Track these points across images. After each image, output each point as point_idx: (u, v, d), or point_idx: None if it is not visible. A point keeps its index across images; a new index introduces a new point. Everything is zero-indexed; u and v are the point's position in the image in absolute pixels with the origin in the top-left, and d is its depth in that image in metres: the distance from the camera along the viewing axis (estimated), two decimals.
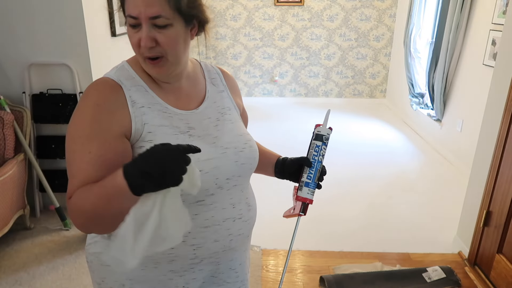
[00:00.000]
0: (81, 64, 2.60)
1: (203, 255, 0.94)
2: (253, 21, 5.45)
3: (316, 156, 1.05)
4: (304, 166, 1.05)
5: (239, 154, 0.97)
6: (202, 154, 0.86)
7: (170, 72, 0.91)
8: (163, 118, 0.90)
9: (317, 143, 1.06)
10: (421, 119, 4.53)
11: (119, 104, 0.87)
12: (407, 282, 2.19)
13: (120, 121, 0.85)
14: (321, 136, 1.06)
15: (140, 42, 0.85)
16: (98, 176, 0.81)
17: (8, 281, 2.19)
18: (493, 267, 2.17)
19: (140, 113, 0.88)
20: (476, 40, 3.47)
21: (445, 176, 3.61)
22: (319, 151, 1.06)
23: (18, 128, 2.49)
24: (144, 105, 0.89)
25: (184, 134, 0.91)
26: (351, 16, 5.40)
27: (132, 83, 0.90)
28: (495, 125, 2.16)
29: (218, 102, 1.03)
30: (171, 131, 0.89)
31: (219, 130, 0.98)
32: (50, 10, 2.48)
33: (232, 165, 0.96)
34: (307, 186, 1.03)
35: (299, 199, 1.03)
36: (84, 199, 0.80)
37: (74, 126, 0.86)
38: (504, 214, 2.09)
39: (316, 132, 1.07)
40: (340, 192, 3.26)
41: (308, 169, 1.04)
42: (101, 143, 0.83)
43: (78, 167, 0.83)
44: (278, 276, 2.28)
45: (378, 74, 5.71)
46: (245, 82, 5.77)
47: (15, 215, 2.46)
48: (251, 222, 1.05)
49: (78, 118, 0.86)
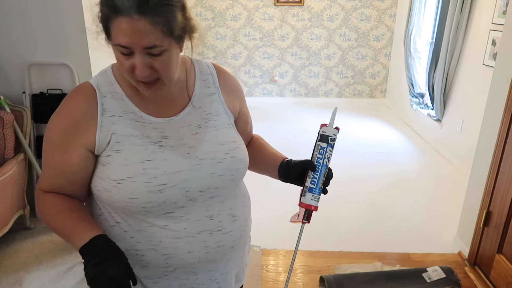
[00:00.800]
0: (81, 64, 2.60)
1: (176, 264, 0.93)
2: (253, 21, 5.45)
3: (321, 159, 0.96)
4: (308, 170, 0.97)
5: (216, 165, 0.91)
6: (171, 166, 0.88)
7: (164, 91, 0.89)
8: (134, 127, 0.88)
9: (322, 145, 0.96)
10: (421, 119, 4.53)
11: (88, 115, 0.87)
12: (407, 282, 2.19)
13: (84, 133, 0.87)
14: (326, 137, 0.96)
15: (132, 69, 0.80)
16: (58, 183, 0.92)
17: (8, 281, 2.19)
18: (493, 267, 2.17)
19: (109, 122, 0.87)
20: (476, 40, 3.47)
21: (445, 176, 3.61)
22: (324, 153, 0.96)
23: (18, 128, 2.49)
24: (116, 114, 0.88)
25: (155, 144, 0.88)
26: (351, 16, 5.39)
27: (108, 89, 0.90)
28: (495, 125, 2.16)
29: (204, 107, 0.96)
30: (141, 142, 0.87)
31: (198, 139, 0.92)
32: (50, 10, 2.48)
33: (206, 177, 0.90)
34: (311, 191, 0.96)
35: (302, 205, 0.97)
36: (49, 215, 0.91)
37: (48, 128, 0.91)
38: (504, 214, 2.09)
39: (321, 133, 0.97)
40: (340, 192, 3.26)
41: (312, 173, 0.96)
42: (62, 152, 0.88)
43: (45, 166, 0.92)
44: (278, 276, 2.28)
45: (378, 74, 5.71)
46: (245, 82, 5.77)
47: (15, 215, 2.46)
48: (235, 233, 0.99)
49: (52, 121, 0.90)
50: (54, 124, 0.90)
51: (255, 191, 1.11)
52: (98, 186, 0.89)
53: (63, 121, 0.88)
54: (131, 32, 0.75)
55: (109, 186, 0.86)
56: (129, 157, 0.86)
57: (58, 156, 0.89)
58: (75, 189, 0.92)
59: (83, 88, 0.90)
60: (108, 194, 0.88)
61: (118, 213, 0.91)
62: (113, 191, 0.86)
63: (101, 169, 0.88)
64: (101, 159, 0.88)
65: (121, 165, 0.86)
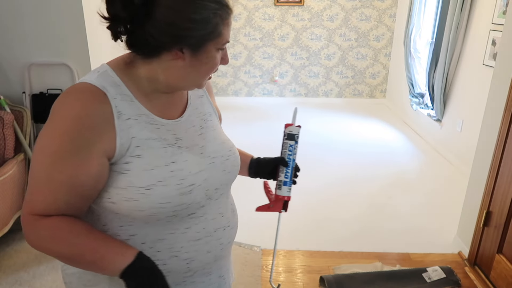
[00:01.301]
0: (81, 64, 2.60)
1: (196, 267, 0.92)
2: (253, 21, 5.45)
3: (291, 155, 1.08)
4: (280, 165, 1.08)
5: (225, 163, 0.95)
6: (193, 166, 0.87)
7: None
8: (150, 130, 0.84)
9: (290, 143, 1.09)
10: (421, 119, 4.53)
11: (104, 118, 0.78)
12: (407, 282, 2.19)
13: (102, 139, 0.77)
14: (292, 135, 1.09)
15: (221, 62, 0.87)
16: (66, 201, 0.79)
17: (8, 281, 2.19)
18: (493, 267, 2.17)
19: (127, 126, 0.80)
20: (476, 40, 3.47)
21: (445, 176, 3.61)
22: (292, 150, 1.09)
23: (18, 128, 2.49)
24: (131, 117, 0.81)
25: (173, 146, 0.86)
26: (351, 16, 5.40)
27: (117, 91, 0.81)
28: (495, 125, 2.16)
29: (200, 108, 0.98)
30: (159, 144, 0.84)
31: (204, 139, 0.94)
32: (50, 10, 2.48)
33: (220, 174, 0.94)
34: (286, 184, 1.07)
35: (279, 197, 1.07)
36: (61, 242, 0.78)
37: (48, 138, 0.77)
38: (504, 214, 2.09)
39: (288, 132, 1.09)
40: (340, 192, 3.26)
41: (285, 169, 1.08)
42: (77, 164, 0.76)
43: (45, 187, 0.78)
44: (278, 276, 2.28)
45: (378, 74, 5.71)
46: (245, 82, 5.77)
47: (15, 215, 2.45)
48: (236, 227, 1.04)
49: (54, 129, 0.77)
50: (59, 131, 0.76)
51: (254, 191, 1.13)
52: (115, 197, 0.81)
53: (74, 127, 0.76)
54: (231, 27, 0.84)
55: (135, 195, 0.80)
56: (152, 161, 0.82)
57: (69, 170, 0.76)
58: (85, 206, 0.83)
59: (87, 88, 0.79)
60: (131, 204, 0.81)
61: (135, 224, 0.85)
62: (140, 199, 0.80)
63: (119, 178, 0.80)
64: (117, 167, 0.80)
65: (145, 170, 0.81)
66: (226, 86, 5.81)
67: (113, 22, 0.80)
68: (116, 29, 0.81)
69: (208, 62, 0.84)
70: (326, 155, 3.97)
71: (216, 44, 0.82)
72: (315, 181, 3.40)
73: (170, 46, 0.79)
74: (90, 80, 0.80)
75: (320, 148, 4.14)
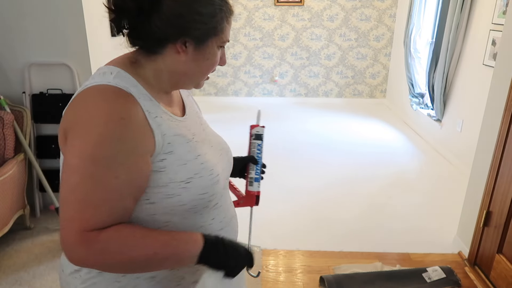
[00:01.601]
0: (81, 64, 2.60)
1: None
2: (253, 21, 5.45)
3: (259, 153, 1.18)
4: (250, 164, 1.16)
5: (228, 154, 1.03)
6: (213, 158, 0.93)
7: None
8: (174, 127, 0.85)
9: (258, 142, 1.17)
10: (421, 119, 4.53)
11: (141, 117, 0.77)
12: (407, 282, 2.19)
13: (145, 138, 0.77)
14: (260, 135, 1.18)
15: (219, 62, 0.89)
16: (125, 207, 0.76)
17: (8, 281, 2.19)
18: (493, 267, 2.17)
19: (157, 124, 0.80)
20: (476, 40, 3.47)
21: (445, 176, 3.61)
22: (260, 149, 1.18)
23: (18, 128, 2.49)
24: (157, 115, 0.82)
25: (192, 141, 0.88)
26: (351, 16, 5.40)
27: (138, 91, 0.80)
28: (495, 125, 2.16)
29: (193, 107, 1.02)
30: (184, 140, 0.85)
31: (208, 134, 0.99)
32: (50, 10, 2.48)
33: (227, 165, 1.01)
34: (257, 181, 1.17)
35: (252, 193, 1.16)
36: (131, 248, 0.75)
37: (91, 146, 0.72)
38: (504, 214, 2.09)
39: (255, 133, 1.18)
40: (340, 192, 3.26)
41: (255, 166, 1.16)
42: (130, 166, 0.75)
43: (101, 197, 0.73)
44: (278, 276, 2.28)
45: (378, 74, 5.71)
46: (245, 82, 5.77)
47: (15, 215, 2.46)
48: None
49: (93, 135, 0.72)
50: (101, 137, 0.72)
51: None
52: (154, 197, 0.81)
53: (120, 129, 0.73)
54: None
55: (177, 190, 0.82)
56: (183, 156, 0.83)
57: (124, 174, 0.74)
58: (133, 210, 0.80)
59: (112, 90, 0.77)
60: (174, 200, 0.82)
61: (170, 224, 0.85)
62: (182, 193, 0.82)
63: (157, 177, 0.80)
64: (153, 166, 0.79)
65: (179, 165, 0.82)
66: (226, 86, 5.81)
67: (119, 14, 0.80)
68: (121, 22, 0.82)
69: (209, 58, 0.86)
70: (326, 155, 3.97)
71: (217, 40, 0.85)
72: (315, 181, 3.40)
73: (175, 38, 0.80)
74: (108, 81, 0.78)
75: (320, 148, 4.14)
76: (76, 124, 0.75)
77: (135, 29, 0.82)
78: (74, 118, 0.76)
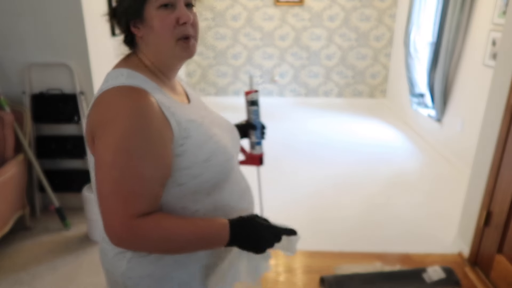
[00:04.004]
0: (81, 64, 2.60)
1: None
2: (253, 21, 5.45)
3: (257, 118, 1.24)
4: (250, 129, 1.25)
5: (234, 132, 1.11)
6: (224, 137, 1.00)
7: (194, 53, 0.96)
8: (185, 113, 0.93)
9: (254, 108, 1.23)
10: (421, 119, 4.53)
11: (158, 110, 0.85)
12: (407, 282, 2.19)
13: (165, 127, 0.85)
14: (255, 101, 1.23)
15: (178, 21, 0.88)
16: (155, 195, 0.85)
17: (8, 281, 2.19)
18: (493, 267, 2.17)
19: (171, 113, 0.88)
20: (476, 40, 3.47)
21: (445, 176, 3.61)
22: (257, 113, 1.23)
23: (18, 128, 2.49)
24: (170, 105, 0.89)
25: (203, 124, 0.96)
26: (351, 16, 5.39)
27: (149, 86, 0.89)
28: (495, 125, 2.16)
29: (194, 94, 1.10)
30: (196, 124, 0.93)
31: (214, 117, 1.07)
32: (50, 10, 2.48)
33: (236, 143, 1.10)
34: (258, 144, 1.26)
35: (255, 156, 1.27)
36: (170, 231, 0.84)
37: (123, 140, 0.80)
38: (504, 214, 2.09)
39: (250, 99, 1.23)
40: (340, 192, 3.26)
41: (254, 132, 1.25)
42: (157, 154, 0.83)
43: (139, 186, 0.81)
44: (278, 276, 2.28)
45: (378, 74, 5.71)
46: (245, 82, 5.77)
47: (15, 215, 2.46)
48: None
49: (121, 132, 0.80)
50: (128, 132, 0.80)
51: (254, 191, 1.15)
52: (182, 179, 0.89)
53: (144, 121, 0.82)
54: None
55: (199, 170, 0.90)
56: (200, 138, 0.91)
57: (154, 162, 0.82)
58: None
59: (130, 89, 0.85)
60: (199, 179, 0.91)
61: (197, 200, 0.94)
62: (204, 173, 0.91)
63: (180, 161, 0.88)
64: (175, 151, 0.87)
65: (197, 147, 0.90)
66: (226, 86, 5.81)
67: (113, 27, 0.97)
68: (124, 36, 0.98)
69: (154, 24, 0.89)
70: (326, 155, 3.97)
71: (151, 4, 0.88)
72: (315, 181, 3.40)
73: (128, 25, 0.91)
74: (122, 82, 0.86)
75: (320, 148, 4.14)
76: (103, 123, 0.82)
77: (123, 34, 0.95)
78: (100, 118, 0.84)
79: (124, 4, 0.89)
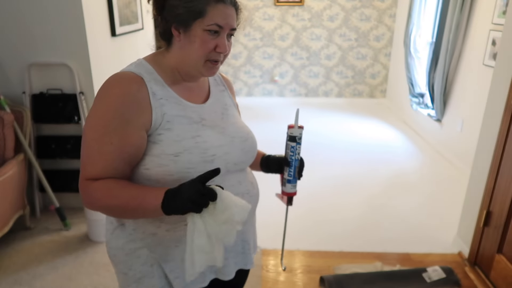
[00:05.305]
0: (81, 64, 2.60)
1: None
2: (253, 21, 5.45)
3: (293, 155, 1.17)
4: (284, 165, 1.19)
5: (244, 143, 1.10)
6: (215, 141, 1.03)
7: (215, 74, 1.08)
8: (178, 109, 1.00)
9: (292, 144, 1.16)
10: (421, 119, 4.53)
11: (142, 96, 0.95)
12: (407, 282, 2.19)
13: (143, 114, 0.94)
14: (293, 137, 1.16)
15: (215, 48, 0.97)
16: (115, 167, 0.94)
17: (8, 281, 2.19)
18: (493, 267, 2.17)
19: (160, 104, 0.97)
20: (476, 40, 3.47)
21: (445, 176, 3.61)
22: (294, 151, 1.16)
23: (18, 128, 2.49)
24: (163, 97, 0.98)
25: (198, 123, 1.02)
26: (351, 16, 5.39)
27: (151, 76, 0.99)
28: (495, 125, 2.16)
29: (221, 100, 1.14)
30: (186, 121, 1.00)
31: (225, 122, 1.10)
32: (50, 10, 2.48)
33: (239, 152, 1.08)
34: (289, 182, 1.19)
35: (285, 194, 1.21)
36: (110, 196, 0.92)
37: (96, 116, 0.93)
38: (504, 214, 2.09)
39: (290, 134, 1.17)
40: (340, 192, 3.26)
41: (288, 168, 1.18)
42: (123, 135, 0.92)
43: (97, 156, 0.93)
44: (278, 276, 2.28)
45: (378, 74, 5.71)
46: (245, 82, 5.77)
47: (15, 215, 2.46)
48: (256, 198, 1.18)
49: (101, 108, 0.93)
50: (105, 108, 0.93)
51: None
52: (149, 164, 0.97)
53: (119, 104, 0.92)
54: (228, 15, 0.97)
55: (165, 161, 0.95)
56: (181, 134, 0.98)
57: (117, 141, 0.92)
58: (128, 171, 0.98)
59: (127, 75, 0.96)
60: (163, 169, 0.96)
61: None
62: (170, 165, 0.95)
63: (153, 147, 0.96)
64: (152, 138, 0.96)
65: (174, 141, 0.96)
66: None
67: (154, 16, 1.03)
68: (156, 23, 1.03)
69: (195, 41, 0.96)
70: (326, 155, 3.97)
71: (201, 24, 0.95)
72: (315, 181, 3.40)
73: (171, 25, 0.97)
74: (128, 69, 0.99)
75: (320, 148, 4.13)
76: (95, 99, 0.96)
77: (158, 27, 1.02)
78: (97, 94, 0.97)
79: (176, 11, 0.96)
